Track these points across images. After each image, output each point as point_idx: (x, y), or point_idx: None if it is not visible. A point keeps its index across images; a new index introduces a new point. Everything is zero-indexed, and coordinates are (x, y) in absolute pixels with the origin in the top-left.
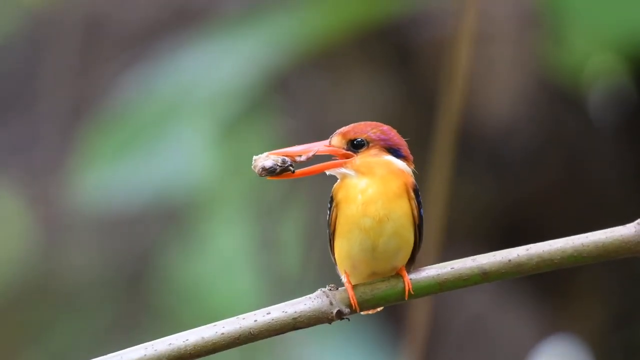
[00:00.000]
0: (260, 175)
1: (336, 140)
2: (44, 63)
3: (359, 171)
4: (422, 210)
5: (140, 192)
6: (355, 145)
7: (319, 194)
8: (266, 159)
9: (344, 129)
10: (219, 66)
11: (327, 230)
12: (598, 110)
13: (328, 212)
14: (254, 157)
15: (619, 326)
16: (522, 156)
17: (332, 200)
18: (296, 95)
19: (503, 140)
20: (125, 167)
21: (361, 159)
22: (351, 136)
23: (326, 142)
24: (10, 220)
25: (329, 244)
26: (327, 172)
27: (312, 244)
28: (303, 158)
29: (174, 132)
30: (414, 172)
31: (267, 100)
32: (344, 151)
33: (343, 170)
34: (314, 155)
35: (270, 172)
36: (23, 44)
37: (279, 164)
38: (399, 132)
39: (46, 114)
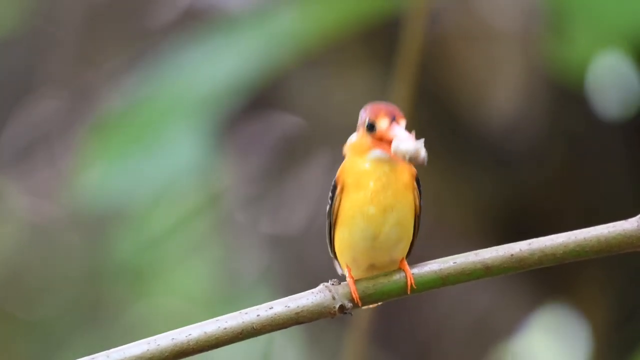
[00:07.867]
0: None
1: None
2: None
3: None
4: (422, 201)
5: (133, 193)
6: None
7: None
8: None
9: (396, 111)
10: (218, 64)
11: (328, 221)
12: (602, 106)
13: (330, 201)
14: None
15: (625, 321)
16: (525, 151)
17: (335, 187)
18: (297, 92)
19: (506, 136)
20: (120, 167)
21: None
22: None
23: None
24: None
25: (327, 236)
26: (373, 154)
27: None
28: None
29: (166, 133)
30: None
31: (267, 97)
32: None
33: (390, 155)
34: None
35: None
36: (24, 41)
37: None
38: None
39: (46, 113)
